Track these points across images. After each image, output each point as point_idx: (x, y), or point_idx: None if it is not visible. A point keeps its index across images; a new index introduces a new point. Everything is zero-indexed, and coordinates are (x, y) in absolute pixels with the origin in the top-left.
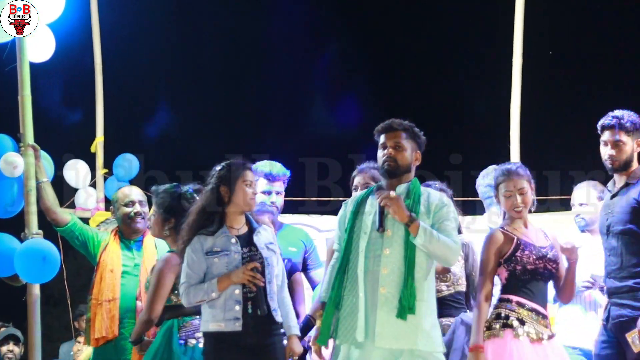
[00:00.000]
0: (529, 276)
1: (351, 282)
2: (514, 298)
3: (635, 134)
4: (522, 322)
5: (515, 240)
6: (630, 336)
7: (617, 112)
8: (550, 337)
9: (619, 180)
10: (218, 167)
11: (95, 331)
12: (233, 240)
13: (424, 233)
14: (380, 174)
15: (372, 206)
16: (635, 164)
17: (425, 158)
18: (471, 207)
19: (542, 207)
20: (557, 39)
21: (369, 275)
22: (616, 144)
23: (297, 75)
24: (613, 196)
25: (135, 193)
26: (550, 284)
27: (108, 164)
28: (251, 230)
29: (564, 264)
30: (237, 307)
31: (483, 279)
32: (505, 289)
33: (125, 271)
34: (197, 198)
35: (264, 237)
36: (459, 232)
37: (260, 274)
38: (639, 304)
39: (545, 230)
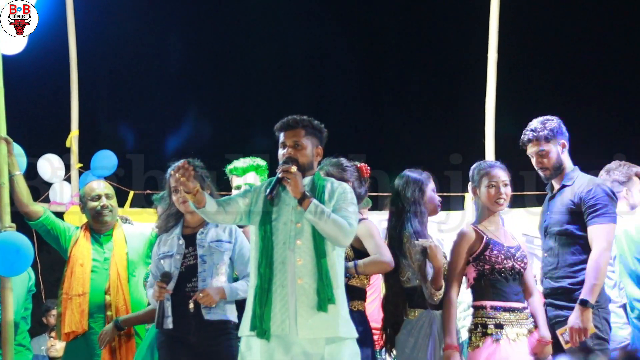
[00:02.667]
0: (497, 275)
1: (276, 274)
2: (487, 303)
3: (555, 138)
4: (499, 326)
5: (484, 239)
6: (561, 333)
7: (533, 124)
8: (532, 331)
9: (556, 182)
10: None
11: (65, 326)
12: (180, 241)
13: (315, 209)
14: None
15: (290, 198)
16: (568, 165)
17: (425, 158)
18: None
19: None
20: (533, 36)
21: (288, 266)
22: (540, 155)
23: (297, 75)
24: (551, 198)
25: (102, 187)
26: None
27: (83, 158)
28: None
29: (531, 264)
30: (168, 304)
31: (452, 279)
32: (475, 294)
33: (95, 266)
34: None
35: (212, 234)
36: None
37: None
38: (574, 304)
39: (512, 232)
